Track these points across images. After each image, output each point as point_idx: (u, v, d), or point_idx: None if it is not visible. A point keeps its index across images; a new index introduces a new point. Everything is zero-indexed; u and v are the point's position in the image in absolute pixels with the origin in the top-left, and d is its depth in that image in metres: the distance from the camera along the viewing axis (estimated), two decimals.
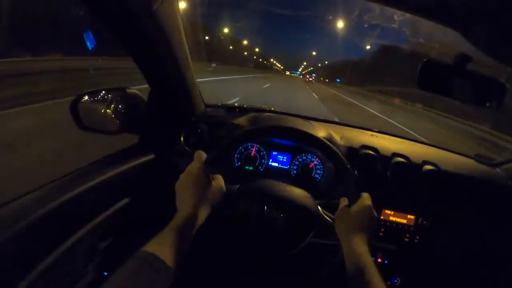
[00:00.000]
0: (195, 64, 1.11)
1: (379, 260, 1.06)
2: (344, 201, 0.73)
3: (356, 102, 17.04)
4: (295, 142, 1.07)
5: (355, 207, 0.68)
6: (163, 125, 1.06)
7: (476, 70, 0.64)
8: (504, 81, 0.67)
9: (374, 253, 1.00)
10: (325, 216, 0.76)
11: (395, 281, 1.08)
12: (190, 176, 0.63)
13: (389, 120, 10.72)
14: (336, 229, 0.70)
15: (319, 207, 0.77)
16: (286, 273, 1.00)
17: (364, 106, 15.24)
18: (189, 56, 0.96)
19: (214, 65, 23.02)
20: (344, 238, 0.65)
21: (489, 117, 9.55)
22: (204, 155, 0.67)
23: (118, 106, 0.90)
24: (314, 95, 17.93)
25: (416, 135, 7.25)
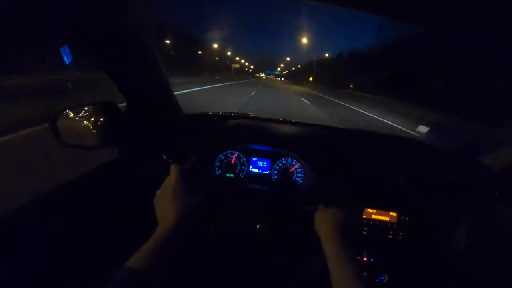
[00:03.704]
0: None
1: (365, 259, 1.07)
2: (323, 203, 0.75)
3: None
4: (273, 147, 1.08)
5: (333, 209, 0.70)
6: (141, 138, 1.05)
7: None
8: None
9: (359, 252, 1.05)
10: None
11: (383, 278, 1.09)
12: (168, 191, 0.63)
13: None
14: (317, 231, 0.71)
15: None
16: (272, 276, 1.01)
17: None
18: (163, 67, 0.95)
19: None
20: (324, 242, 0.66)
21: None
22: (180, 169, 0.67)
23: (97, 121, 0.90)
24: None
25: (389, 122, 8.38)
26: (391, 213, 1.05)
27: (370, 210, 1.05)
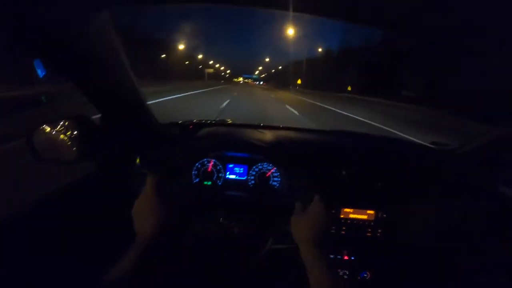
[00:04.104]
0: None
1: (346, 257, 1.08)
2: (298, 206, 0.75)
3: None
4: (249, 153, 1.08)
5: (308, 211, 0.70)
6: (117, 149, 1.04)
7: None
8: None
9: (339, 251, 1.07)
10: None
11: (365, 275, 1.10)
12: (145, 202, 0.64)
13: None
14: (293, 234, 0.71)
15: None
16: (252, 281, 1.01)
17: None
18: (133, 78, 0.93)
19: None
20: (300, 244, 0.66)
21: None
22: (156, 179, 0.67)
23: (74, 135, 0.89)
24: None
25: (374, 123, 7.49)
26: (368, 211, 1.06)
27: (348, 210, 1.06)
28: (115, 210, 0.90)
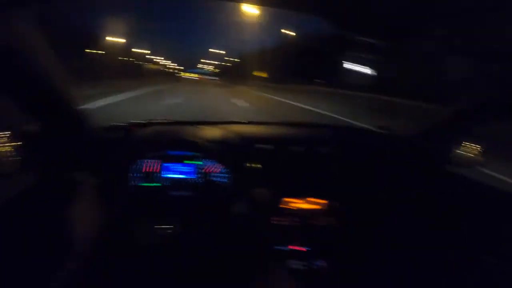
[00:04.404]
0: None
1: (299, 248, 1.08)
2: (239, 200, 0.79)
3: None
4: (191, 151, 1.06)
5: (255, 204, 0.73)
6: (55, 158, 0.99)
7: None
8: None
9: (291, 241, 1.07)
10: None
11: (321, 264, 1.10)
12: (86, 208, 0.64)
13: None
14: (242, 229, 0.74)
15: None
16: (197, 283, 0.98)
17: None
18: (63, 78, 0.87)
19: None
20: (251, 236, 0.70)
21: None
22: (95, 185, 0.66)
23: (13, 146, 0.85)
24: None
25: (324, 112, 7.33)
26: (314, 200, 1.07)
27: (290, 199, 1.06)
28: (57, 219, 0.85)
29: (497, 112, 0.98)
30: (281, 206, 1.06)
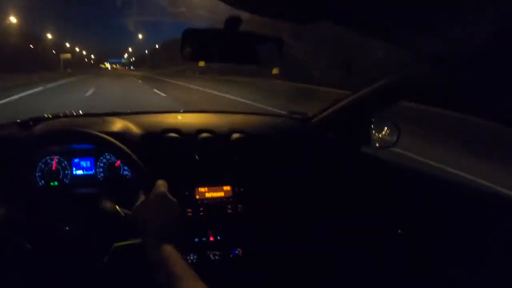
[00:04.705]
0: None
1: (211, 238, 1.07)
2: (141, 196, 0.69)
3: None
4: (93, 144, 0.95)
5: (149, 199, 0.64)
6: None
7: (251, 30, 0.66)
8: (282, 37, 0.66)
9: (202, 233, 1.05)
10: (122, 213, 0.71)
11: (237, 252, 1.10)
12: None
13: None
14: (135, 226, 0.64)
15: (116, 207, 0.73)
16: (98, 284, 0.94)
17: None
18: None
19: None
20: (143, 237, 0.61)
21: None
22: None
23: None
24: None
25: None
26: (225, 187, 1.07)
27: (202, 189, 1.05)
28: None
29: (408, 93, 1.03)
30: (195, 197, 1.05)
